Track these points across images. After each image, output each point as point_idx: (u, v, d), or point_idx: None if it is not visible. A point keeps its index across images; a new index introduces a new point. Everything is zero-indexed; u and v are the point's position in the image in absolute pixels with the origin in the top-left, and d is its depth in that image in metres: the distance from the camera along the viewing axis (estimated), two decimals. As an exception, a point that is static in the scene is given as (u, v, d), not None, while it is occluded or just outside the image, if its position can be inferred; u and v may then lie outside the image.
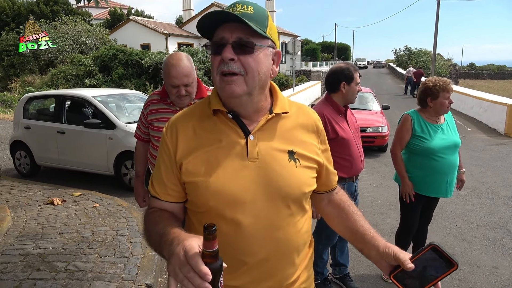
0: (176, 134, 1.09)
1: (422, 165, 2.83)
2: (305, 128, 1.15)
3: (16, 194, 5.11)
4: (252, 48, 1.00)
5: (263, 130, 1.07)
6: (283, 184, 1.04)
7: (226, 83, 1.00)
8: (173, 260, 0.79)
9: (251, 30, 0.99)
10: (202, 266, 0.74)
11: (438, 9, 22.93)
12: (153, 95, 2.37)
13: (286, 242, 1.07)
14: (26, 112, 6.48)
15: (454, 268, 0.92)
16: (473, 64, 63.32)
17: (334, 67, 2.68)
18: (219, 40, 1.01)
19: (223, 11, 0.98)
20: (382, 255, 1.04)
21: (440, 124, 2.85)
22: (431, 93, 2.78)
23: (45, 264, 3.15)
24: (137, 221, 4.13)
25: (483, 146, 8.56)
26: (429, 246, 0.95)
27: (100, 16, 39.86)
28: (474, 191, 5.45)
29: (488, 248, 3.72)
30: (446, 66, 37.38)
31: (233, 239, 1.03)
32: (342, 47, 65.45)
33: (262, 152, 1.05)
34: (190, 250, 0.77)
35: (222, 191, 1.02)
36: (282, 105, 1.11)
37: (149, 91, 18.13)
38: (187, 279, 0.75)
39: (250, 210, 1.02)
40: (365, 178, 6.09)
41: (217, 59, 1.02)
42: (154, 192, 1.11)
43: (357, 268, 3.32)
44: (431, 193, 2.88)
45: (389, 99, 17.62)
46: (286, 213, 1.06)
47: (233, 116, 1.06)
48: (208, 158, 1.04)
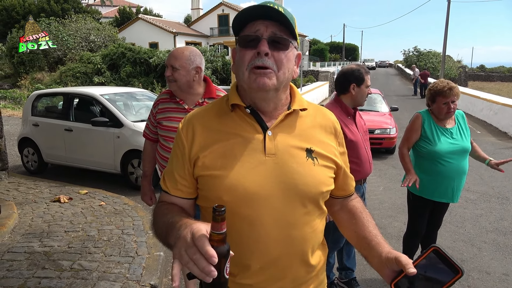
0: (192, 129, 1.07)
1: (428, 169, 2.77)
2: (323, 129, 1.13)
3: (24, 191, 5.13)
4: (287, 46, 1.02)
5: (281, 126, 1.06)
6: (300, 182, 1.02)
7: (258, 75, 0.99)
8: (179, 243, 0.78)
9: (284, 28, 1.00)
10: (208, 247, 0.72)
11: (448, 10, 22.70)
12: (163, 94, 2.36)
13: (301, 241, 1.05)
14: (34, 109, 6.52)
15: (459, 276, 0.84)
16: (483, 66, 62.68)
17: (345, 68, 2.63)
18: (253, 33, 1.00)
19: (267, 6, 0.97)
20: (384, 261, 0.99)
21: (450, 127, 2.78)
22: (429, 96, 2.78)
23: (50, 262, 3.15)
24: (142, 220, 4.12)
25: (493, 150, 8.44)
26: (430, 248, 0.88)
27: (110, 14, 40.14)
28: (483, 196, 5.37)
29: (498, 254, 3.65)
30: (456, 68, 37.02)
31: (247, 236, 1.01)
32: (350, 48, 65.21)
33: (279, 148, 1.03)
34: (197, 232, 0.75)
35: (237, 186, 0.99)
36: (300, 102, 1.11)
37: (156, 90, 18.20)
38: (192, 261, 0.73)
39: (265, 206, 1.00)
40: (372, 180, 6.03)
41: (249, 53, 1.01)
42: (165, 187, 1.11)
43: (364, 272, 3.27)
44: (436, 197, 2.82)
45: (397, 101, 17.48)
46: (302, 212, 1.04)
47: (251, 111, 1.05)
48: (225, 152, 1.02)
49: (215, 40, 37.05)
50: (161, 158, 2.36)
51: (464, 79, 37.17)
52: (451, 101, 2.66)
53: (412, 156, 2.91)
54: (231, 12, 37.73)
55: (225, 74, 21.44)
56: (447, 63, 30.56)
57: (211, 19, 38.80)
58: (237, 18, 1.02)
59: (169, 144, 2.26)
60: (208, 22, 38.78)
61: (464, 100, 15.25)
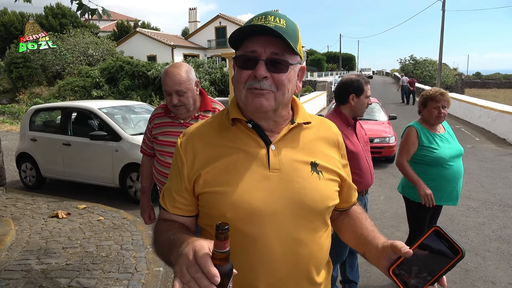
0: (192, 146, 1.04)
1: (434, 175, 2.82)
2: (327, 141, 1.11)
3: (21, 207, 5.08)
4: (287, 67, 0.97)
5: (284, 140, 1.03)
6: (306, 197, 0.99)
7: (255, 95, 0.96)
8: (181, 261, 0.75)
9: (285, 46, 0.94)
10: (211, 266, 0.70)
11: (443, 19, 22.94)
12: (158, 109, 2.34)
13: (308, 259, 1.01)
14: (32, 124, 6.49)
15: (459, 256, 0.80)
16: (479, 73, 63.09)
17: (345, 78, 2.62)
18: (250, 53, 0.96)
19: (263, 25, 0.93)
20: (381, 251, 0.94)
21: (442, 133, 2.89)
22: (422, 101, 2.89)
23: (48, 280, 3.09)
24: (142, 235, 4.06)
25: (492, 157, 8.42)
26: (432, 228, 0.84)
27: (108, 28, 40.43)
28: (485, 203, 5.33)
29: (503, 263, 3.59)
30: (452, 76, 37.26)
31: (252, 255, 0.97)
32: (347, 57, 65.67)
33: (284, 162, 1.00)
34: (200, 250, 0.73)
35: (241, 202, 0.96)
36: (304, 116, 1.09)
37: (155, 103, 18.21)
38: (194, 280, 0.71)
39: (270, 223, 0.96)
40: (373, 189, 5.98)
41: (246, 73, 0.97)
42: (164, 204, 1.08)
43: (367, 285, 3.21)
44: (444, 201, 2.88)
45: (395, 109, 17.52)
46: (309, 228, 1.01)
47: (253, 126, 1.02)
48: (228, 168, 0.99)
49: (213, 52, 37.30)
50: (158, 173, 2.33)
51: (460, 87, 37.39)
52: (442, 106, 2.78)
53: (412, 166, 2.91)
54: (228, 24, 38.06)
55: (223, 86, 21.51)
56: (443, 71, 30.73)
57: (208, 32, 39.11)
58: (234, 35, 0.97)
59: (165, 158, 2.23)
60: (206, 35, 39.08)
61: (462, 108, 15.30)
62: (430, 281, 0.82)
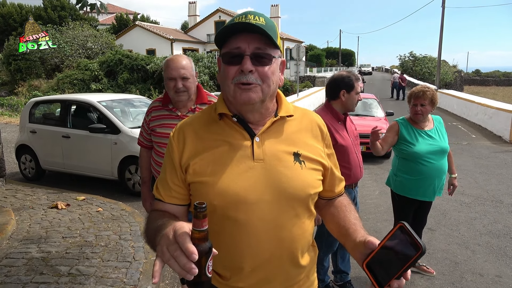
0: (183, 137, 1.11)
1: (410, 169, 2.97)
2: (310, 132, 1.17)
3: (21, 198, 5.15)
4: (270, 60, 1.04)
5: (268, 132, 1.10)
6: (288, 185, 1.05)
7: (243, 90, 1.02)
8: (162, 240, 0.80)
9: (267, 41, 1.02)
10: (189, 244, 0.73)
11: (443, 16, 22.91)
12: (155, 102, 2.41)
13: (290, 242, 1.08)
14: (32, 116, 6.55)
15: (419, 253, 0.82)
16: (478, 71, 63.16)
17: (336, 74, 2.70)
18: (235, 50, 1.03)
19: (245, 22, 1.00)
20: (357, 245, 1.01)
21: (428, 130, 3.00)
22: (408, 98, 3.08)
23: (48, 268, 3.17)
24: (140, 226, 4.14)
25: (487, 154, 8.51)
26: (397, 225, 0.89)
27: (107, 21, 40.23)
28: (478, 199, 5.42)
29: (491, 257, 3.69)
30: (451, 73, 37.30)
31: (238, 239, 1.04)
32: (346, 53, 65.56)
33: (267, 153, 1.07)
34: (179, 229, 0.77)
35: (226, 191, 1.03)
36: (287, 109, 1.15)
37: (154, 96, 18.24)
38: (173, 258, 0.75)
39: (254, 210, 1.03)
40: (368, 184, 6.07)
41: (233, 69, 1.03)
42: (158, 195, 1.14)
43: (359, 275, 3.31)
44: (420, 196, 3.00)
45: (393, 106, 17.58)
46: (292, 214, 1.07)
47: (238, 120, 1.09)
48: (215, 159, 1.06)
49: (212, 46, 37.21)
50: (156, 164, 2.41)
51: (459, 84, 37.43)
52: (421, 104, 2.92)
53: (395, 159, 3.13)
54: (228, 18, 37.90)
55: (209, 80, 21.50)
56: (442, 68, 30.76)
57: (208, 26, 38.98)
58: (219, 33, 1.04)
59: (163, 150, 2.31)
60: (205, 29, 38.95)
61: (460, 105, 15.37)
62: (395, 275, 0.86)
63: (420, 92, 2.92)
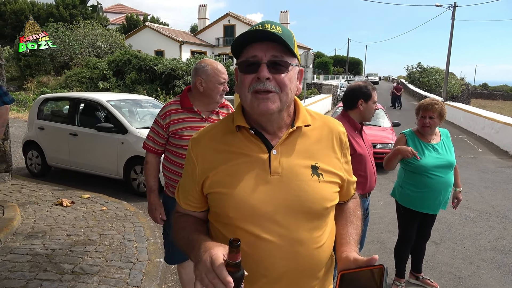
0: (202, 150, 1.13)
1: (416, 182, 2.97)
2: (330, 141, 1.15)
3: (26, 194, 5.18)
4: (287, 68, 1.03)
5: (285, 145, 1.09)
6: (304, 199, 1.05)
7: (261, 100, 1.02)
8: (200, 267, 0.89)
9: (283, 49, 1.02)
10: (226, 274, 0.84)
11: (452, 28, 22.89)
12: (172, 105, 2.32)
13: (307, 257, 1.07)
14: (40, 113, 6.60)
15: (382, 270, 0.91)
16: (485, 84, 62.82)
17: (353, 84, 2.71)
18: (251, 58, 1.03)
19: (262, 30, 1.00)
20: (339, 257, 1.08)
21: (435, 143, 3.00)
22: (416, 110, 3.05)
23: (52, 265, 3.18)
24: (143, 227, 4.15)
25: (494, 168, 8.46)
26: (379, 265, 0.92)
27: (117, 21, 40.59)
28: (483, 214, 5.38)
29: (496, 273, 3.66)
30: (459, 85, 37.13)
31: (253, 251, 1.04)
32: (354, 62, 65.55)
33: (284, 166, 1.06)
34: (216, 260, 0.87)
35: (242, 204, 1.04)
36: (304, 118, 1.13)
37: (161, 97, 18.31)
38: (212, 284, 0.85)
39: (270, 224, 1.03)
40: (373, 194, 6.02)
41: (249, 77, 1.03)
42: (177, 198, 1.21)
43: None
44: (425, 209, 3.00)
45: (399, 116, 17.53)
46: (308, 228, 1.06)
47: (255, 132, 1.09)
48: (232, 172, 1.07)
49: (220, 50, 37.40)
50: (177, 165, 2.29)
51: (466, 97, 37.25)
52: (429, 117, 2.91)
53: (401, 171, 3.13)
54: (237, 23, 38.14)
55: (229, 84, 21.61)
56: (450, 80, 30.67)
57: (217, 29, 39.21)
58: (236, 42, 1.04)
59: None
60: (214, 32, 39.19)
61: (466, 118, 15.30)
62: None
63: (430, 105, 2.92)
